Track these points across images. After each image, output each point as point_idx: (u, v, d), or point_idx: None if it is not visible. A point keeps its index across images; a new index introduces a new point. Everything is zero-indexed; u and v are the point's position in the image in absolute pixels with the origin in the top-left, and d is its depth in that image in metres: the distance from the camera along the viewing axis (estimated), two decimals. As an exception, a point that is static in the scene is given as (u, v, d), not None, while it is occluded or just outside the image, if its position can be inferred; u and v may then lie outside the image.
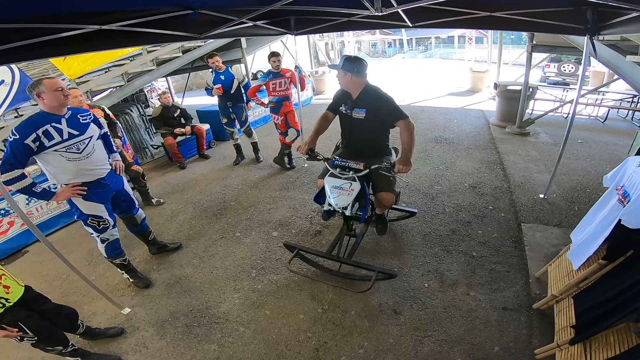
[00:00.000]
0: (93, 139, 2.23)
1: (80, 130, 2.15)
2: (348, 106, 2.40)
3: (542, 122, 5.96)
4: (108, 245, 2.45)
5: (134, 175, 3.81)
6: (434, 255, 2.82)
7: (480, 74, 9.33)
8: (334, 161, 2.34)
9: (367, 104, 2.32)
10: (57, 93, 1.99)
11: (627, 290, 1.45)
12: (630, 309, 1.37)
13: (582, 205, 3.38)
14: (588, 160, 4.58)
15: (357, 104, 2.35)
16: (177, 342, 2.19)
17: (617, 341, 1.45)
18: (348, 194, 2.19)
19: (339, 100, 2.48)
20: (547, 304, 2.13)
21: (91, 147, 2.21)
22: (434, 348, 2.03)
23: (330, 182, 2.26)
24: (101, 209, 2.33)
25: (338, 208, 2.22)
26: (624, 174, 1.83)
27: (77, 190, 2.18)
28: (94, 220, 2.32)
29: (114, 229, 2.44)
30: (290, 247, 2.67)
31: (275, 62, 4.10)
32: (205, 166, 5.20)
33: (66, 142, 2.06)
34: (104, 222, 2.36)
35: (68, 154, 2.08)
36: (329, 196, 2.25)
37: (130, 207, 2.66)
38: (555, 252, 2.59)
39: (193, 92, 12.74)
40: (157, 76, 5.62)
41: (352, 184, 2.21)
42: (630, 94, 6.80)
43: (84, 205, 2.26)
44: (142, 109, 6.14)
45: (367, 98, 2.32)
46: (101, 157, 2.32)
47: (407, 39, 28.51)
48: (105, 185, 2.35)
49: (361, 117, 2.35)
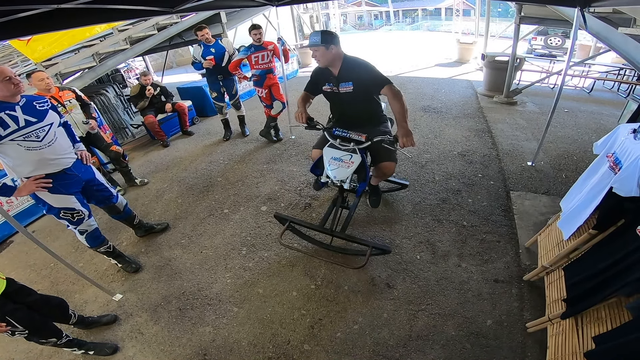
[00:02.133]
0: (54, 126, 2.07)
1: (38, 117, 1.99)
2: (332, 83, 2.27)
3: (528, 92, 6.00)
4: (88, 236, 2.35)
5: (113, 156, 3.67)
6: (425, 225, 2.82)
7: (468, 45, 9.22)
8: (334, 131, 2.23)
9: (351, 76, 2.20)
10: (5, 83, 1.84)
11: (619, 262, 1.43)
12: (621, 283, 1.36)
13: (570, 172, 3.43)
14: (574, 128, 4.63)
15: (342, 78, 2.22)
16: (172, 326, 2.16)
17: (609, 316, 1.45)
18: (348, 167, 2.11)
19: (318, 80, 2.35)
20: (538, 275, 2.14)
21: (52, 135, 2.04)
22: (428, 322, 2.05)
23: (329, 153, 2.16)
24: (72, 201, 2.20)
25: (336, 181, 2.15)
26: (615, 141, 1.79)
27: (41, 183, 2.03)
28: (67, 213, 2.19)
29: (90, 219, 2.33)
30: (282, 219, 2.55)
31: (256, 35, 3.92)
32: (190, 143, 5.06)
33: (23, 129, 1.90)
34: (78, 214, 2.24)
35: (27, 142, 1.92)
36: (327, 168, 2.16)
37: (107, 197, 2.52)
38: (544, 220, 2.62)
39: (173, 70, 12.24)
40: (131, 55, 5.36)
41: (352, 156, 2.12)
42: (616, 66, 6.90)
43: (51, 198, 2.12)
44: (119, 89, 5.90)
45: (349, 69, 2.20)
46: (65, 146, 2.16)
47: (393, 10, 27.70)
48: (72, 176, 2.20)
49: (349, 90, 2.23)
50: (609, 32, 3.22)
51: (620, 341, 1.25)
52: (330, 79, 2.27)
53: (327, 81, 2.30)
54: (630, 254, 1.38)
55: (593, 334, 1.44)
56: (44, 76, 2.92)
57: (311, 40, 2.14)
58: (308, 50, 10.12)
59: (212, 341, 2.04)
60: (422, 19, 26.26)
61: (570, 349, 1.51)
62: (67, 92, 3.30)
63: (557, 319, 1.68)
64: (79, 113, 3.33)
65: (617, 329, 1.35)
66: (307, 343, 1.98)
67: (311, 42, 2.14)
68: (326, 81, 2.30)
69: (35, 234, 3.26)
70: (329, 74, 2.26)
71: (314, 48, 2.15)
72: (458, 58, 9.43)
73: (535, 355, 1.79)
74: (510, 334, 1.94)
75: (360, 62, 2.22)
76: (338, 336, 2.00)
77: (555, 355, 1.59)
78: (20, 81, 1.92)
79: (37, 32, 2.20)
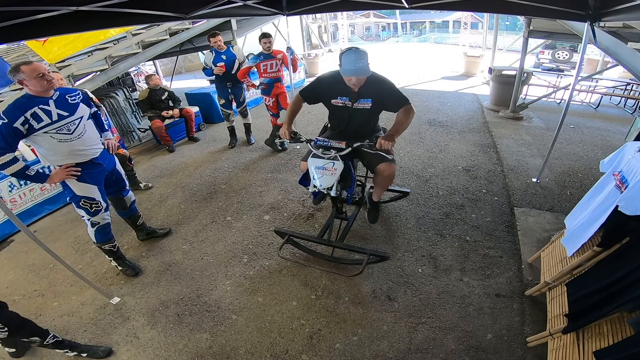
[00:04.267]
0: (83, 119, 2.18)
1: (70, 111, 2.10)
2: (349, 98, 2.21)
3: (535, 107, 5.96)
4: (98, 230, 2.40)
5: (120, 159, 3.64)
6: (427, 239, 2.81)
7: (475, 58, 9.24)
8: (316, 142, 2.28)
9: (371, 93, 2.16)
10: (39, 80, 1.93)
11: (622, 278, 1.43)
12: (624, 299, 1.36)
13: (574, 190, 3.40)
14: (580, 145, 4.59)
15: (362, 95, 2.17)
16: (169, 331, 2.15)
17: (611, 331, 1.44)
18: (332, 174, 2.14)
19: (326, 92, 2.27)
20: (540, 290, 2.13)
21: (82, 128, 2.16)
22: (428, 335, 2.03)
23: (313, 163, 2.20)
24: (94, 191, 2.29)
25: (322, 189, 2.17)
26: (621, 159, 1.79)
27: (71, 171, 2.15)
28: (87, 202, 2.27)
29: (105, 213, 2.39)
30: (281, 234, 2.61)
31: (266, 44, 3.98)
32: (195, 149, 5.10)
33: (56, 123, 2.02)
34: (97, 205, 2.31)
35: (59, 135, 2.05)
36: (313, 177, 2.19)
37: (121, 188, 2.61)
38: (548, 237, 2.60)
39: (182, 76, 12.39)
40: (143, 59, 5.46)
41: (334, 163, 2.15)
42: (623, 81, 6.82)
43: (77, 186, 2.22)
44: (129, 92, 6.01)
45: (371, 86, 2.14)
46: (93, 137, 2.28)
47: (401, 22, 28.01)
48: (98, 166, 2.31)
49: (367, 107, 2.21)
50: (619, 47, 3.21)
51: (622, 355, 1.26)
52: (347, 93, 2.20)
53: (342, 95, 2.23)
54: (634, 271, 1.38)
55: (594, 348, 1.43)
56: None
57: (357, 66, 1.98)
58: (315, 60, 10.34)
59: (209, 348, 2.02)
60: (430, 31, 26.47)
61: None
62: (78, 94, 3.38)
63: (558, 334, 1.67)
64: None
65: (618, 344, 1.35)
66: (305, 353, 1.96)
67: (359, 70, 2.01)
68: (340, 95, 2.23)
69: (37, 234, 3.27)
70: (345, 89, 2.17)
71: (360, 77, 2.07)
72: (465, 71, 9.44)
73: None
74: (510, 348, 1.92)
75: (382, 80, 2.18)
76: (337, 347, 1.98)
77: None
78: (53, 77, 2.01)
79: (56, 34, 2.27)
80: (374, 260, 2.40)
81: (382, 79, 2.19)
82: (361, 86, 2.13)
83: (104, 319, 2.26)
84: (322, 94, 2.32)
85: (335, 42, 18.50)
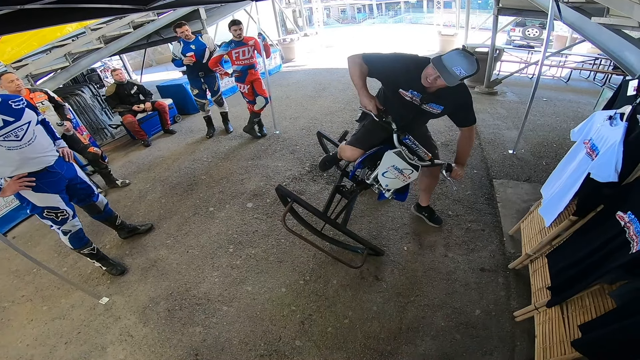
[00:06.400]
0: (32, 125, 2.02)
1: (16, 116, 1.94)
2: (419, 95, 1.89)
3: (508, 82, 6.14)
4: (72, 237, 2.31)
5: (92, 158, 3.54)
6: (410, 216, 2.84)
7: (449, 37, 9.35)
8: (405, 139, 1.99)
9: (447, 101, 1.89)
10: None
11: (600, 249, 1.41)
12: (603, 270, 1.33)
13: (550, 160, 3.52)
14: (553, 117, 4.75)
15: (436, 99, 1.89)
16: (162, 327, 2.13)
17: (593, 304, 1.44)
18: (403, 180, 2.01)
19: (400, 77, 1.90)
20: (522, 263, 2.15)
21: (31, 133, 2.01)
22: (417, 314, 2.06)
23: (391, 160, 1.99)
24: (56, 200, 2.17)
25: (388, 189, 2.04)
26: (591, 127, 1.80)
27: (24, 182, 1.99)
28: (51, 212, 2.16)
29: (74, 219, 2.29)
30: (283, 197, 2.24)
31: (236, 31, 3.85)
32: (172, 142, 4.95)
33: (1, 129, 1.86)
34: (62, 213, 2.20)
35: (7, 142, 1.89)
36: (381, 172, 2.01)
37: (89, 194, 2.48)
38: (527, 207, 2.67)
39: (153, 68, 11.92)
40: (106, 54, 5.21)
41: (413, 171, 1.98)
42: (592, 56, 7.08)
43: (35, 197, 2.08)
44: (96, 89, 5.71)
45: (449, 94, 1.85)
46: (45, 144, 2.12)
47: (376, 3, 27.62)
48: (55, 174, 2.16)
49: (434, 112, 1.94)
50: (583, 22, 3.24)
51: (606, 330, 1.25)
52: (418, 88, 1.87)
53: (412, 88, 1.89)
54: (610, 240, 1.36)
55: (579, 322, 1.43)
56: (13, 77, 2.81)
57: (453, 69, 1.60)
58: (291, 45, 10.12)
59: (203, 341, 2.02)
60: (405, 11, 26.31)
61: (558, 337, 1.51)
62: (38, 93, 3.18)
63: (543, 307, 1.68)
64: (53, 115, 3.20)
65: (601, 317, 1.35)
66: (298, 339, 1.98)
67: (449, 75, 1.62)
68: (410, 88, 1.89)
69: (16, 240, 3.14)
70: (418, 84, 1.83)
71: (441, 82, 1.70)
72: (440, 50, 9.52)
73: (525, 344, 1.81)
74: (499, 323, 1.96)
75: (465, 93, 1.90)
76: (329, 331, 2.00)
77: (543, 344, 1.58)
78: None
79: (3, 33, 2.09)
80: (371, 253, 2.39)
81: (466, 92, 1.90)
82: (441, 89, 1.82)
83: (95, 319, 2.23)
84: (392, 77, 1.94)
85: (311, 27, 18.10)
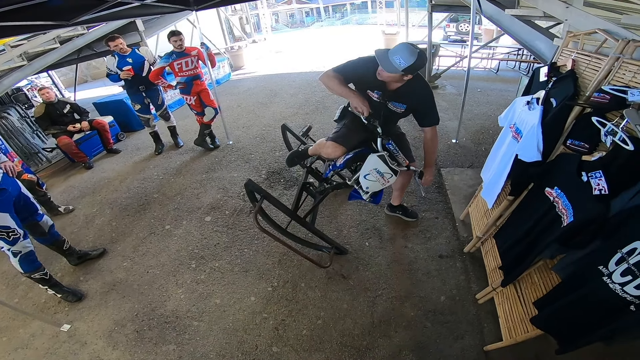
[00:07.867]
0: None
1: None
2: (382, 94, 1.98)
3: (447, 75, 6.56)
4: (22, 259, 2.16)
5: (27, 186, 3.16)
6: (368, 212, 2.93)
7: (392, 35, 9.82)
8: (387, 144, 2.04)
9: (408, 100, 1.96)
10: None
11: (535, 225, 1.47)
12: (542, 246, 1.38)
13: (488, 145, 3.81)
14: (488, 105, 5.19)
15: (397, 98, 1.97)
16: (133, 349, 2.02)
17: (541, 280, 1.51)
18: (382, 184, 2.03)
19: (362, 80, 1.99)
20: (475, 246, 2.28)
21: None
22: (386, 306, 2.12)
23: (374, 163, 2.00)
24: (6, 218, 2.04)
25: (367, 191, 2.06)
26: (514, 113, 1.97)
27: None
28: (2, 231, 2.02)
29: (25, 240, 2.15)
30: (252, 193, 2.10)
31: (176, 42, 3.72)
32: (117, 161, 4.64)
33: None
34: (14, 232, 2.07)
35: None
36: (362, 174, 2.03)
37: (32, 212, 2.33)
38: (472, 192, 2.86)
39: (89, 84, 11.02)
40: (31, 72, 4.70)
41: (392, 175, 2.00)
42: (515, 47, 7.72)
43: None
44: (24, 109, 5.17)
45: (410, 92, 1.93)
46: None
47: (323, 7, 28.13)
48: (3, 191, 2.04)
49: (398, 111, 2.03)
50: (499, 15, 3.42)
51: (556, 305, 1.31)
52: (379, 88, 1.96)
53: (376, 89, 1.98)
54: (543, 216, 1.43)
55: (533, 299, 1.50)
56: None
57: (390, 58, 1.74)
58: (239, 53, 9.94)
59: (179, 358, 1.95)
60: (351, 12, 27.09)
61: (518, 316, 1.57)
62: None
63: (499, 288, 1.77)
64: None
65: (551, 293, 1.40)
66: (275, 345, 1.97)
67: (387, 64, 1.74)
68: (374, 88, 1.99)
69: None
70: (379, 83, 1.92)
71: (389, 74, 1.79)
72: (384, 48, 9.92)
73: (491, 326, 1.88)
74: (464, 307, 2.05)
75: (425, 91, 1.97)
76: (304, 334, 2.01)
77: (507, 323, 1.64)
78: None
79: None
80: (337, 252, 2.42)
81: (426, 91, 1.97)
82: (401, 87, 1.91)
83: (60, 347, 2.10)
84: (359, 80, 2.02)
85: (259, 33, 17.94)
